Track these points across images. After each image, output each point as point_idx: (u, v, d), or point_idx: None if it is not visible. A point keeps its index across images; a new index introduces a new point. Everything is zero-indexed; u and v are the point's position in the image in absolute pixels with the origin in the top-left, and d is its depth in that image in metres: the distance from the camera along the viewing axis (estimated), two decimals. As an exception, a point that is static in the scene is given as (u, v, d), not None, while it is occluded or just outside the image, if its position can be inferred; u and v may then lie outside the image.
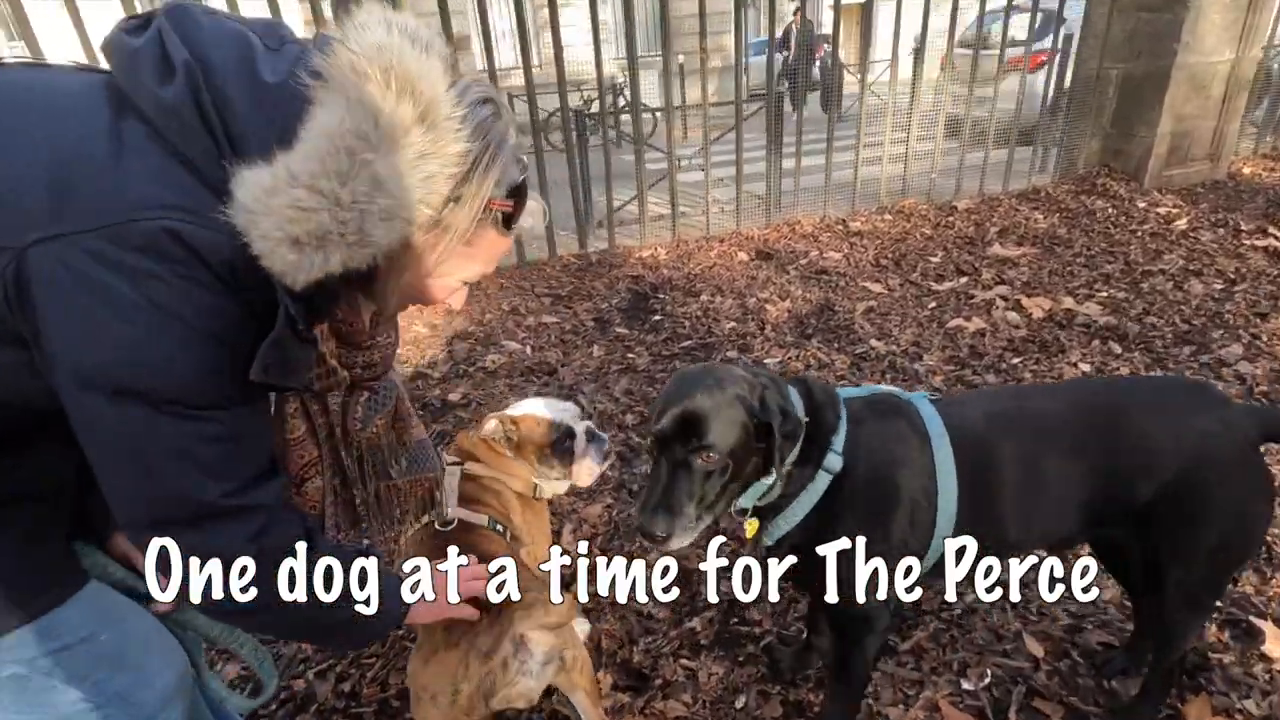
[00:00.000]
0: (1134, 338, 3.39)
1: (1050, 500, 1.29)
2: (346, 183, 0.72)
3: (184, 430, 0.78)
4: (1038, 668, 1.74)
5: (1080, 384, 1.56)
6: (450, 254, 0.88)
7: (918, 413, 1.31)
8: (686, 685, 1.75)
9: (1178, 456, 1.25)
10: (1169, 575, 1.32)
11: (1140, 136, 5.45)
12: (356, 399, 1.16)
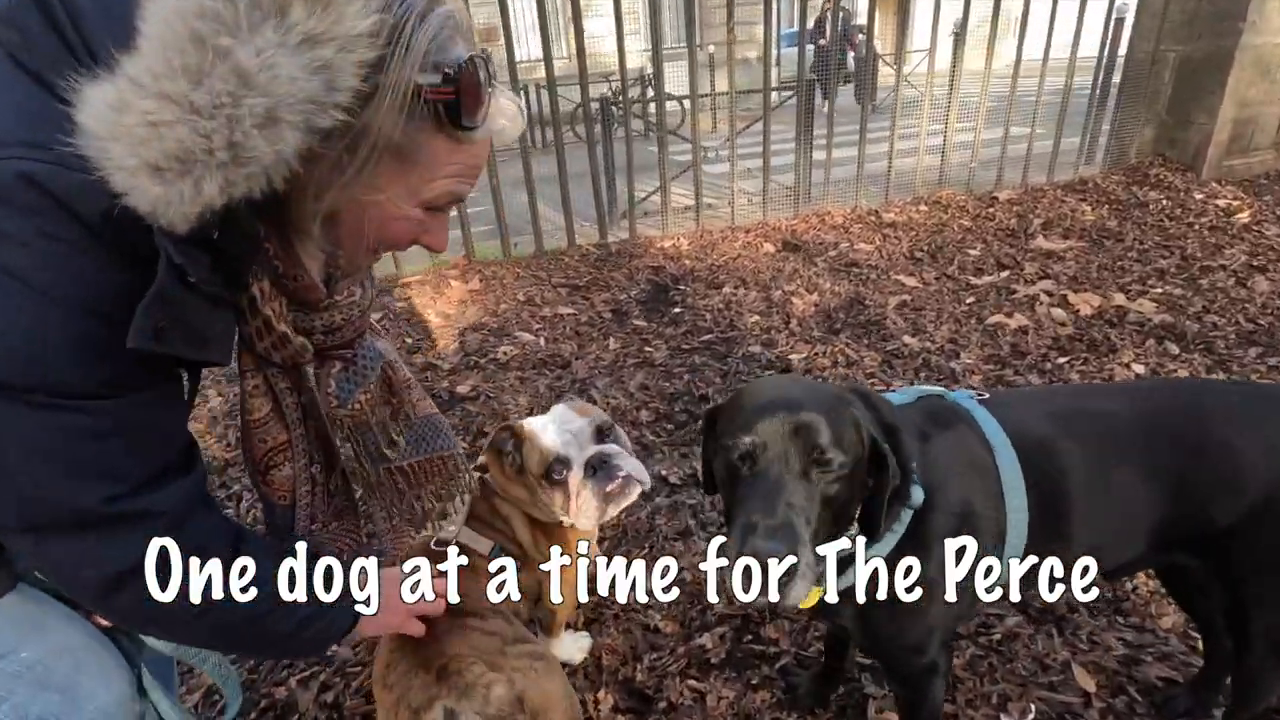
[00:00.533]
0: (1193, 337, 3.13)
1: (1120, 519, 1.11)
2: (201, 81, 0.56)
3: (52, 424, 0.64)
4: (1089, 704, 1.55)
5: (1150, 384, 1.34)
6: (387, 171, 0.71)
7: (974, 419, 1.13)
8: (694, 709, 1.60)
9: (1270, 476, 1.06)
10: (1254, 620, 1.13)
11: (1199, 124, 5.11)
12: (328, 371, 0.99)
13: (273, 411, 0.97)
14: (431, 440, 1.17)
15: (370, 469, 1.08)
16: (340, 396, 0.99)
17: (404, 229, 0.79)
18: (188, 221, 0.59)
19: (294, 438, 1.00)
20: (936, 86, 5.07)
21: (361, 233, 0.77)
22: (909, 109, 5.32)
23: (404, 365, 1.13)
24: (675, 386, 2.98)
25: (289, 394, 0.97)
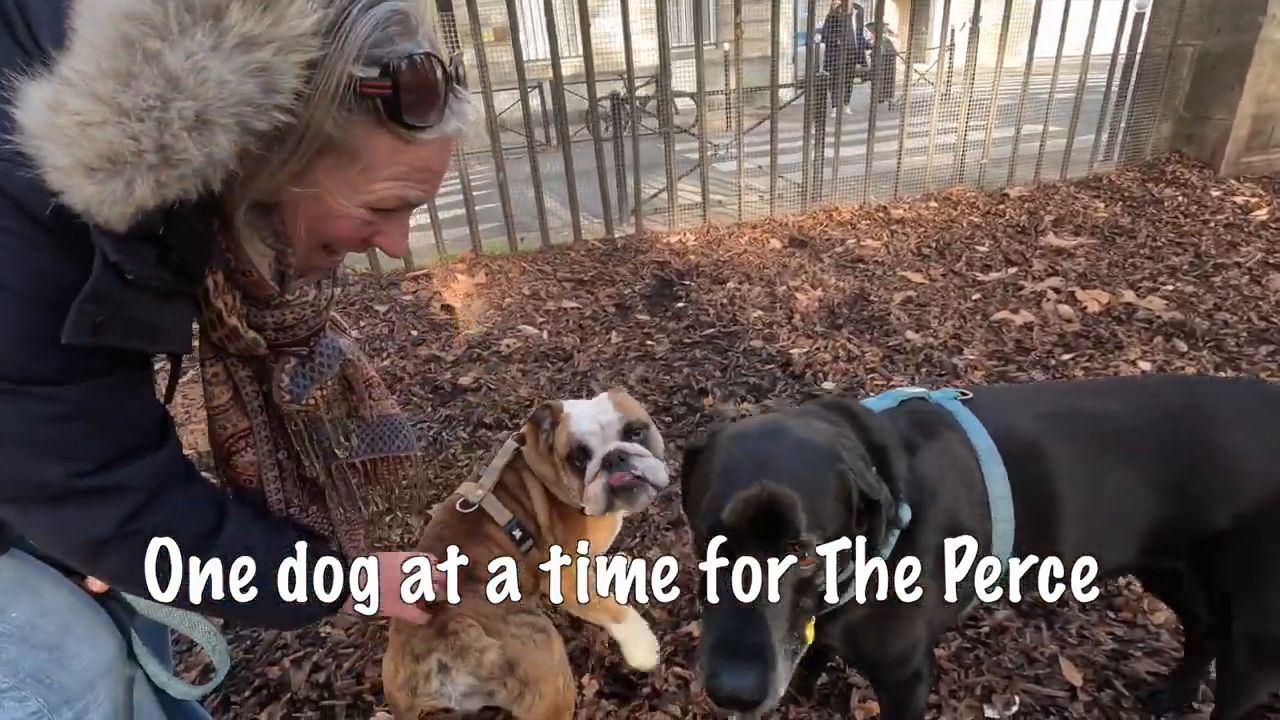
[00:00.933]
0: (1202, 335, 3.09)
1: (1110, 525, 1.08)
2: (129, 84, 0.56)
3: (13, 408, 0.66)
4: (1074, 697, 1.54)
5: (1144, 382, 1.30)
6: (323, 165, 0.69)
7: (958, 423, 1.10)
8: (678, 695, 1.61)
9: (1268, 480, 1.03)
10: (1237, 624, 1.11)
11: (1217, 119, 5.02)
12: (282, 366, 0.97)
13: (233, 399, 0.97)
14: (388, 440, 1.15)
15: (320, 465, 1.07)
16: (293, 391, 0.97)
17: (349, 228, 0.78)
18: (125, 220, 0.60)
19: (255, 425, 1.00)
20: (949, 81, 5.03)
21: (301, 228, 0.76)
22: (924, 106, 5.27)
23: (368, 364, 1.13)
24: (675, 380, 2.99)
25: (249, 382, 0.97)
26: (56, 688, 0.90)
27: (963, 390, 1.16)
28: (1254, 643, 1.13)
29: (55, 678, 0.90)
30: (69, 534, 0.76)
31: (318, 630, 1.85)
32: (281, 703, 1.66)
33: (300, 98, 0.62)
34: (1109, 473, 1.06)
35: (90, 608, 0.96)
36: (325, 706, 1.65)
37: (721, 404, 2.78)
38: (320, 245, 0.81)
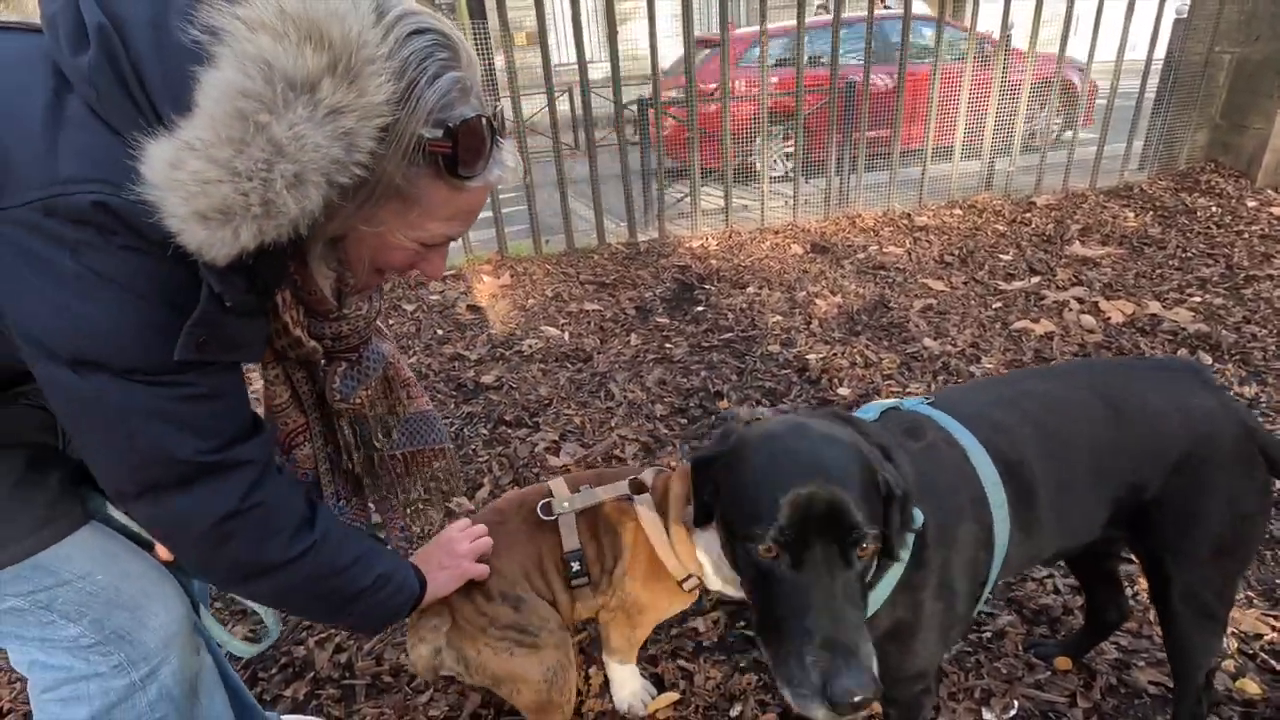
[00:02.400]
0: (1229, 348, 3.04)
1: (1082, 500, 1.14)
2: (243, 150, 0.67)
3: (152, 395, 0.78)
4: (1074, 704, 1.56)
5: (1069, 365, 1.37)
6: (388, 209, 0.81)
7: (937, 424, 1.13)
8: (681, 687, 1.66)
9: (1185, 435, 1.12)
10: (1175, 585, 1.17)
11: (1255, 129, 4.91)
12: (335, 369, 1.11)
13: (291, 398, 1.12)
14: (425, 434, 1.29)
15: (362, 457, 1.21)
16: (343, 392, 1.11)
17: (402, 258, 0.90)
18: (228, 259, 0.71)
19: (310, 420, 1.15)
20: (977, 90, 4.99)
21: (363, 258, 0.89)
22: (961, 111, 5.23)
23: (405, 366, 1.27)
24: (692, 383, 3.04)
25: (305, 383, 1.12)
26: (137, 644, 1.00)
27: (924, 397, 1.21)
28: (1192, 598, 1.18)
29: (136, 635, 1.00)
30: (200, 515, 0.86)
31: (341, 614, 1.94)
32: (305, 680, 1.75)
33: (375, 155, 0.73)
34: (1068, 446, 1.12)
35: (162, 574, 1.06)
36: (346, 685, 1.73)
37: (736, 407, 2.82)
38: (376, 271, 0.93)
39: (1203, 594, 1.20)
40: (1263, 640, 1.68)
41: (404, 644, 1.82)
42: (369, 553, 1.03)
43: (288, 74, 0.66)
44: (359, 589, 1.01)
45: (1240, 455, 1.14)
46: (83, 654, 0.97)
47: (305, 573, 0.94)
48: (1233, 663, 1.63)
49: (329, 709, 1.67)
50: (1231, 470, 1.14)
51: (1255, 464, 1.17)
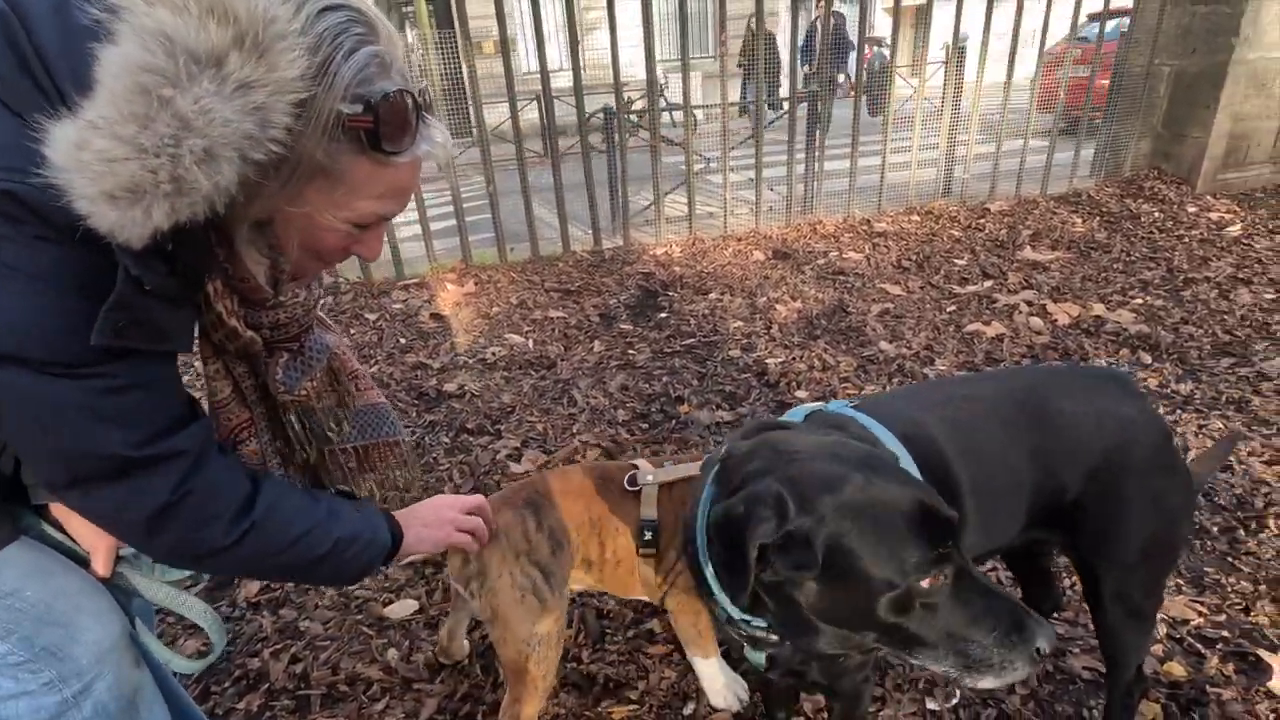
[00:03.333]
0: (1167, 347, 3.18)
1: (1001, 501, 1.18)
2: (147, 126, 0.66)
3: (74, 389, 0.76)
4: (1012, 690, 1.62)
5: (1000, 370, 1.45)
6: (313, 188, 0.80)
7: (864, 427, 1.13)
8: (636, 686, 1.69)
9: (1101, 440, 1.17)
10: (1104, 584, 1.23)
11: (1193, 137, 5.13)
12: (276, 361, 1.06)
13: (233, 393, 1.07)
14: (377, 427, 1.25)
15: (314, 450, 1.16)
16: (286, 383, 1.07)
17: (334, 240, 0.89)
18: (142, 240, 0.70)
19: (255, 415, 1.10)
20: (935, 100, 5.14)
21: (294, 240, 0.87)
22: (908, 121, 5.37)
23: (352, 358, 1.23)
24: (654, 388, 3.07)
25: (247, 377, 1.07)
26: (69, 660, 0.98)
27: (848, 400, 1.25)
28: (1121, 598, 1.24)
29: (68, 651, 0.98)
30: (133, 508, 0.85)
31: (297, 625, 1.93)
32: (260, 692, 1.74)
33: (292, 132, 0.72)
34: (990, 448, 1.17)
35: (97, 590, 1.04)
36: (301, 696, 1.73)
37: (697, 411, 2.87)
38: (311, 256, 0.92)
39: (1132, 594, 1.25)
40: (1189, 625, 1.76)
41: (360, 653, 1.83)
42: (326, 519, 1.02)
43: (190, 47, 0.65)
44: (316, 556, 1.00)
45: (1159, 461, 1.19)
46: (11, 672, 0.95)
47: (249, 552, 0.94)
48: (1161, 647, 1.70)
49: (283, 719, 1.67)
50: (1151, 475, 1.18)
51: (1176, 469, 1.23)
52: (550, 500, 1.44)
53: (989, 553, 1.29)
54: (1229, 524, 2.09)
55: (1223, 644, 1.70)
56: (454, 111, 6.91)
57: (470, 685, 1.71)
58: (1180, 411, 2.68)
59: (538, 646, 1.38)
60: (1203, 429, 2.56)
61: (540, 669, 1.40)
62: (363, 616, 1.95)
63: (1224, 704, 1.55)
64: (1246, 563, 1.95)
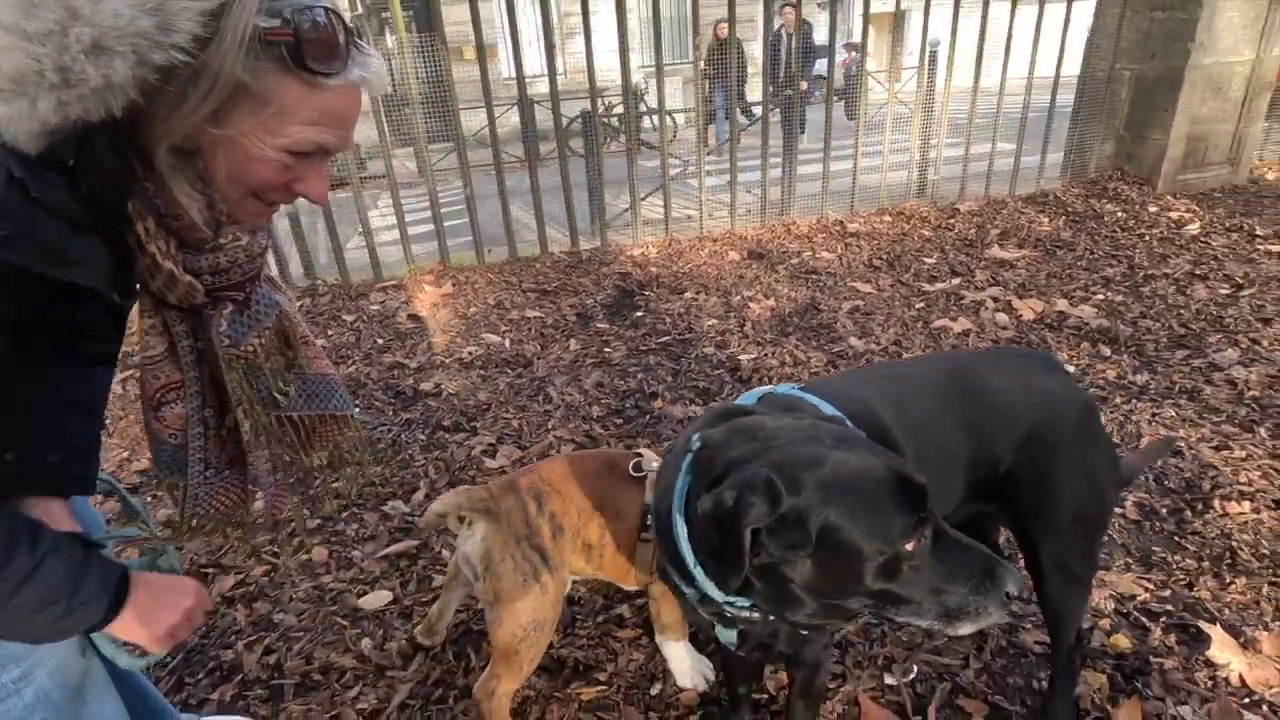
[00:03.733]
0: (1125, 340, 3.28)
1: (940, 467, 1.23)
2: (31, 12, 0.64)
3: None
4: (966, 664, 1.68)
5: (928, 356, 1.52)
6: (237, 109, 0.76)
7: (815, 406, 1.17)
8: (604, 668, 1.73)
9: (1027, 413, 1.25)
10: (1042, 552, 1.30)
11: (1154, 139, 5.29)
12: (221, 312, 0.98)
13: (167, 351, 1.00)
14: (325, 398, 1.16)
15: (262, 411, 1.08)
16: (232, 336, 0.99)
17: (270, 172, 0.83)
18: (32, 139, 0.67)
19: (187, 379, 1.02)
20: (909, 104, 5.26)
21: (224, 170, 0.82)
22: (879, 125, 5.49)
23: (303, 323, 1.15)
24: (628, 385, 3.12)
25: (185, 337, 0.99)
26: (4, 646, 0.93)
27: (795, 384, 1.30)
28: (1059, 565, 1.30)
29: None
30: None
31: (271, 617, 1.95)
32: (233, 683, 1.76)
33: (201, 42, 0.70)
34: (929, 419, 1.23)
35: None
36: (274, 686, 1.75)
37: (670, 406, 2.92)
38: (249, 193, 0.87)
39: (1068, 560, 1.32)
40: (1136, 600, 1.84)
41: (334, 643, 1.86)
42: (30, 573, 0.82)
43: None
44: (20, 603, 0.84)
45: (1084, 432, 1.27)
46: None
47: None
48: (1109, 621, 1.78)
49: (256, 709, 1.69)
50: (1076, 445, 1.26)
51: (1099, 438, 1.31)
52: (552, 486, 1.47)
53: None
54: (1177, 506, 2.18)
55: (1166, 617, 1.78)
56: (433, 116, 6.94)
57: (443, 670, 1.74)
58: (1136, 401, 2.78)
59: (533, 631, 1.42)
60: (1156, 417, 2.66)
61: (530, 653, 1.44)
62: (337, 608, 1.97)
63: (1165, 673, 1.62)
64: (1192, 541, 2.03)
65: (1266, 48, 5.09)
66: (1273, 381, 2.84)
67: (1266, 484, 2.24)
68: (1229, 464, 2.34)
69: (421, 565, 2.11)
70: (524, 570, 1.42)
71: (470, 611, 1.91)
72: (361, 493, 2.44)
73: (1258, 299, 3.63)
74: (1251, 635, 1.70)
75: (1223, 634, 1.69)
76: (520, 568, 1.41)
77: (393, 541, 2.22)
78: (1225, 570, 1.91)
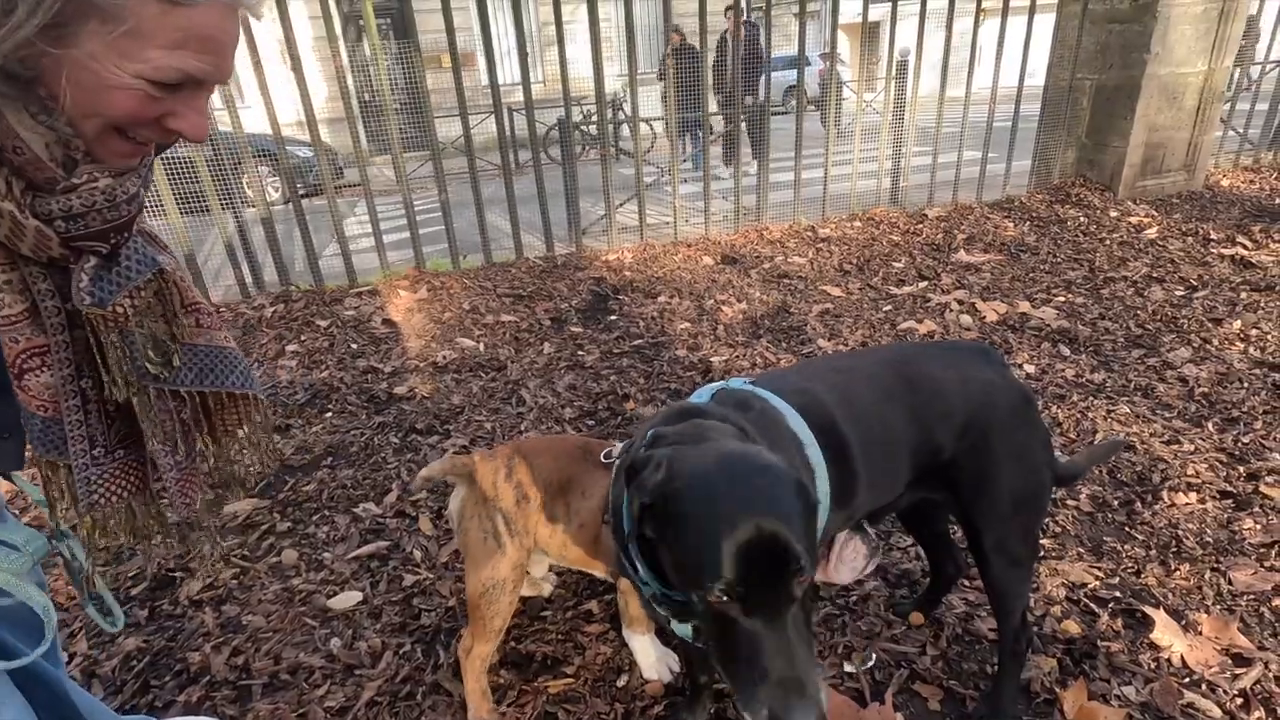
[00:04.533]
0: (1084, 341, 3.39)
1: (885, 452, 1.29)
2: None
3: None
4: (924, 652, 1.73)
5: (879, 346, 1.56)
6: (80, 25, 0.68)
7: (770, 406, 1.20)
8: (572, 661, 1.76)
9: (966, 401, 1.30)
10: (984, 538, 1.35)
11: (1114, 147, 5.46)
12: (83, 265, 0.86)
13: (28, 311, 0.87)
14: (223, 373, 1.04)
15: (135, 383, 0.95)
16: (95, 294, 0.86)
17: (130, 102, 0.74)
18: None
19: (54, 343, 0.90)
20: (878, 113, 5.38)
21: (67, 95, 0.72)
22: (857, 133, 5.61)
23: (195, 290, 1.02)
24: (601, 387, 3.16)
25: (50, 296, 0.87)
26: None
27: (746, 378, 1.34)
28: (1001, 549, 1.36)
29: None
30: None
31: (240, 619, 1.95)
32: (200, 685, 1.76)
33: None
34: (872, 407, 1.28)
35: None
36: (242, 686, 1.75)
37: (642, 408, 2.96)
38: (109, 128, 0.77)
39: (1009, 543, 1.37)
40: (1086, 588, 1.91)
41: (303, 644, 1.86)
42: None
43: None
44: None
45: (1020, 418, 1.33)
46: None
47: None
48: (1060, 608, 1.84)
49: (223, 709, 1.69)
50: (1013, 432, 1.32)
51: (1035, 425, 1.37)
52: (526, 458, 1.57)
53: (882, 509, 1.40)
54: (1128, 498, 2.26)
55: (1114, 603, 1.84)
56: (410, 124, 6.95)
57: (412, 668, 1.76)
58: (1093, 398, 2.87)
59: (491, 589, 1.51)
60: (1111, 414, 2.75)
61: (490, 610, 1.52)
62: (306, 609, 1.98)
63: (1112, 655, 1.69)
64: (1141, 531, 2.11)
65: (1218, 59, 5.29)
66: (1221, 379, 2.95)
67: (1213, 475, 2.33)
68: (1178, 457, 2.44)
69: (392, 566, 2.12)
70: (485, 529, 1.52)
71: (441, 610, 1.93)
72: (333, 495, 2.45)
73: (1210, 300, 3.76)
74: (1192, 618, 1.77)
75: (1165, 618, 1.76)
76: (482, 525, 1.53)
77: (364, 543, 2.23)
78: (1171, 558, 1.99)
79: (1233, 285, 3.93)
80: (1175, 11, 4.98)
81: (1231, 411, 2.71)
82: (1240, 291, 3.83)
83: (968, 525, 1.38)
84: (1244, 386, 2.88)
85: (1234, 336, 3.32)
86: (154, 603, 2.03)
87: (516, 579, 1.54)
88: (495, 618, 1.53)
